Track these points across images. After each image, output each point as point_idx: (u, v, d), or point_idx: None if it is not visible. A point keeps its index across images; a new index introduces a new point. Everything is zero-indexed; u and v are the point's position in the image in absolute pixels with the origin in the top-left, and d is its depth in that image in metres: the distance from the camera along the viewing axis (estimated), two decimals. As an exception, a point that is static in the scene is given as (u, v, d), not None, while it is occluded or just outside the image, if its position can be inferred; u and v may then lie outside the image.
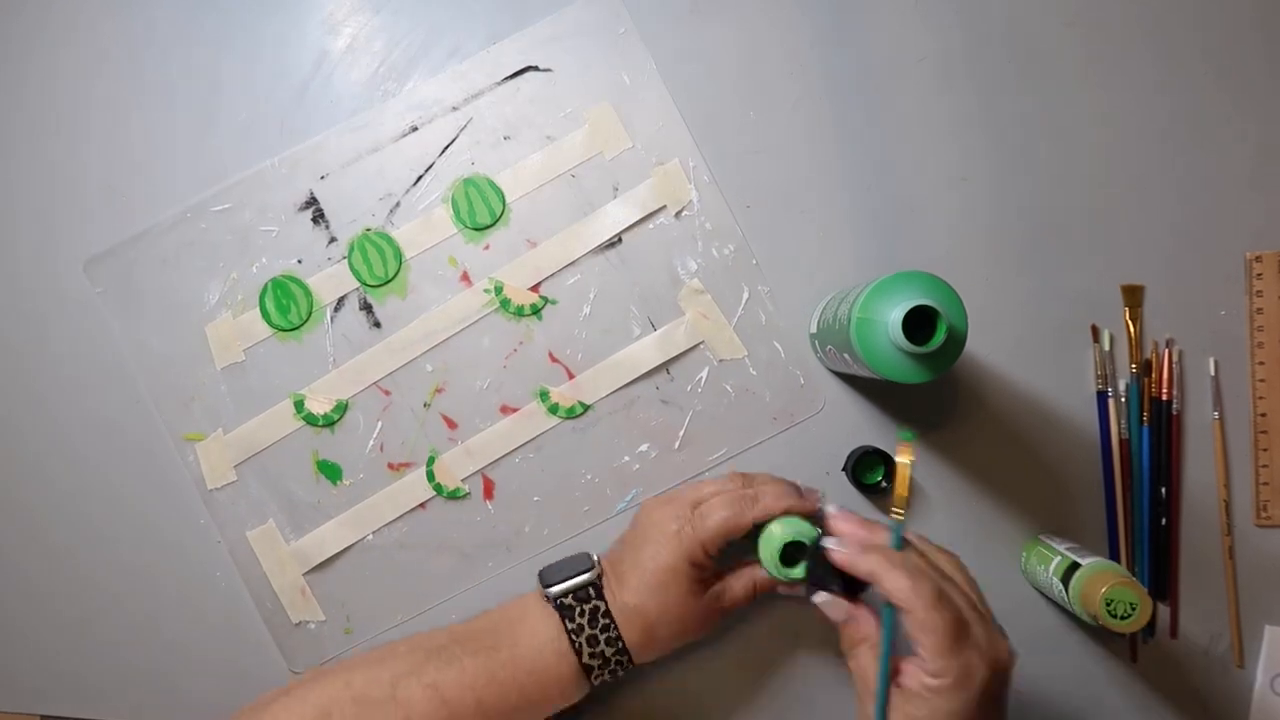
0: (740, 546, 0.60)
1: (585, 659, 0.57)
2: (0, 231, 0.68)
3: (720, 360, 0.67)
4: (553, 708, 0.58)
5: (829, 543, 0.53)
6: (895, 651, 0.50)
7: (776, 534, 0.57)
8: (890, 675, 0.50)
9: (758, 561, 0.60)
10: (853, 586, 0.53)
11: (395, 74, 0.68)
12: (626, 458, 0.67)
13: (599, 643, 0.57)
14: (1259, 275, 0.66)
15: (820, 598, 0.54)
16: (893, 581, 0.49)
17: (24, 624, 0.67)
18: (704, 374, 0.67)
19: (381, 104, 0.68)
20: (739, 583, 0.60)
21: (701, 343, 0.67)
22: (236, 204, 0.68)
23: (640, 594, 0.58)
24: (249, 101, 0.68)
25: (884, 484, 0.65)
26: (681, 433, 0.67)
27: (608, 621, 0.57)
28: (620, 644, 0.57)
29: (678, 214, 0.67)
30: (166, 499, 0.67)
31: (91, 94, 0.68)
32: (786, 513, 0.58)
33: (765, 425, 0.67)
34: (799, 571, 0.57)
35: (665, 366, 0.67)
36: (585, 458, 0.67)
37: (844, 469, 0.66)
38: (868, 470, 0.65)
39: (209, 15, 0.68)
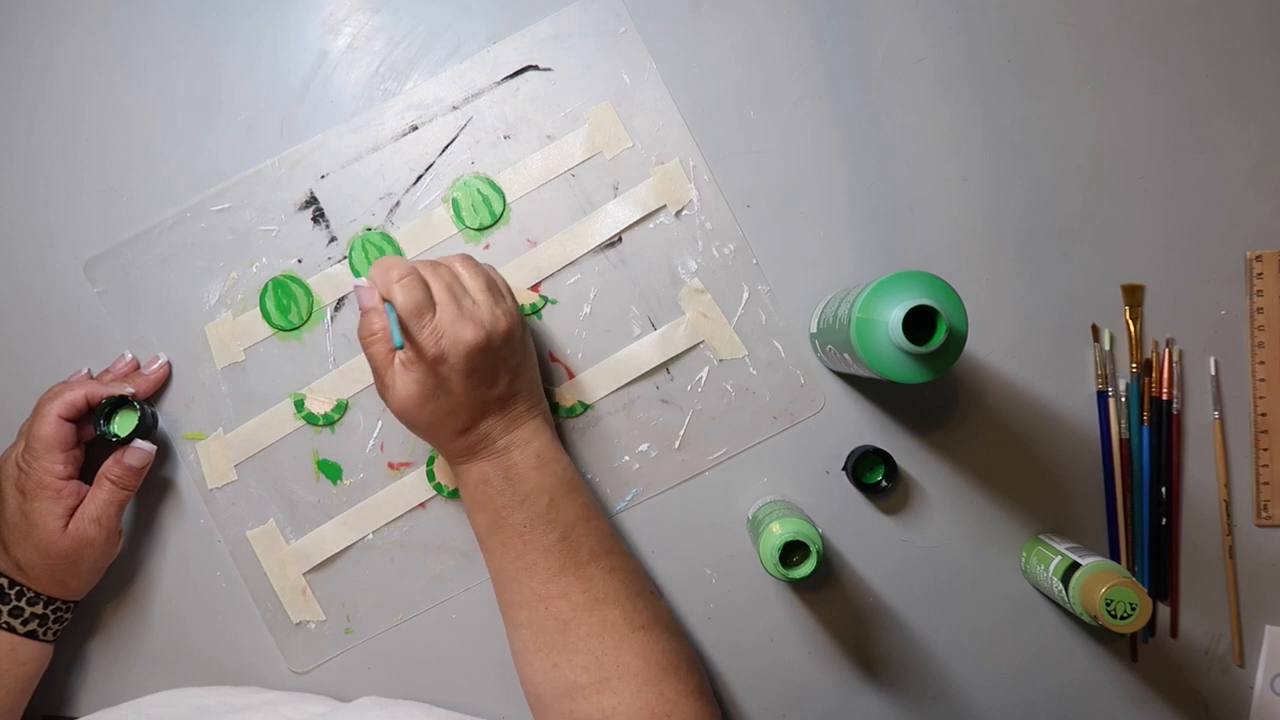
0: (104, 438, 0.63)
1: (22, 631, 0.61)
2: (1, 231, 0.68)
3: (720, 360, 0.67)
4: (27, 677, 0.63)
5: (357, 280, 0.60)
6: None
7: (776, 534, 0.57)
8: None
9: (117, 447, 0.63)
10: None
11: (395, 73, 0.68)
12: (626, 457, 0.67)
13: (22, 613, 0.61)
14: (1259, 275, 0.66)
15: (359, 281, 0.58)
16: (382, 280, 0.56)
17: (24, 624, 0.67)
18: (704, 374, 0.67)
19: (381, 103, 0.68)
20: (98, 490, 0.62)
21: (701, 342, 0.67)
22: (236, 204, 0.68)
23: (20, 547, 0.60)
24: (249, 101, 0.68)
25: (884, 484, 0.65)
26: (681, 432, 0.67)
27: (18, 589, 0.61)
28: (44, 597, 0.62)
29: (678, 214, 0.67)
30: (166, 499, 0.67)
31: (91, 94, 0.68)
32: (115, 399, 0.63)
33: (765, 425, 0.67)
34: (799, 571, 0.57)
35: (665, 366, 0.67)
36: (585, 457, 0.67)
37: (844, 469, 0.66)
38: (868, 470, 0.65)
39: (209, 15, 0.68)
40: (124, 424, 0.64)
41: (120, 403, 0.63)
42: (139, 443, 0.63)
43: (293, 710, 0.60)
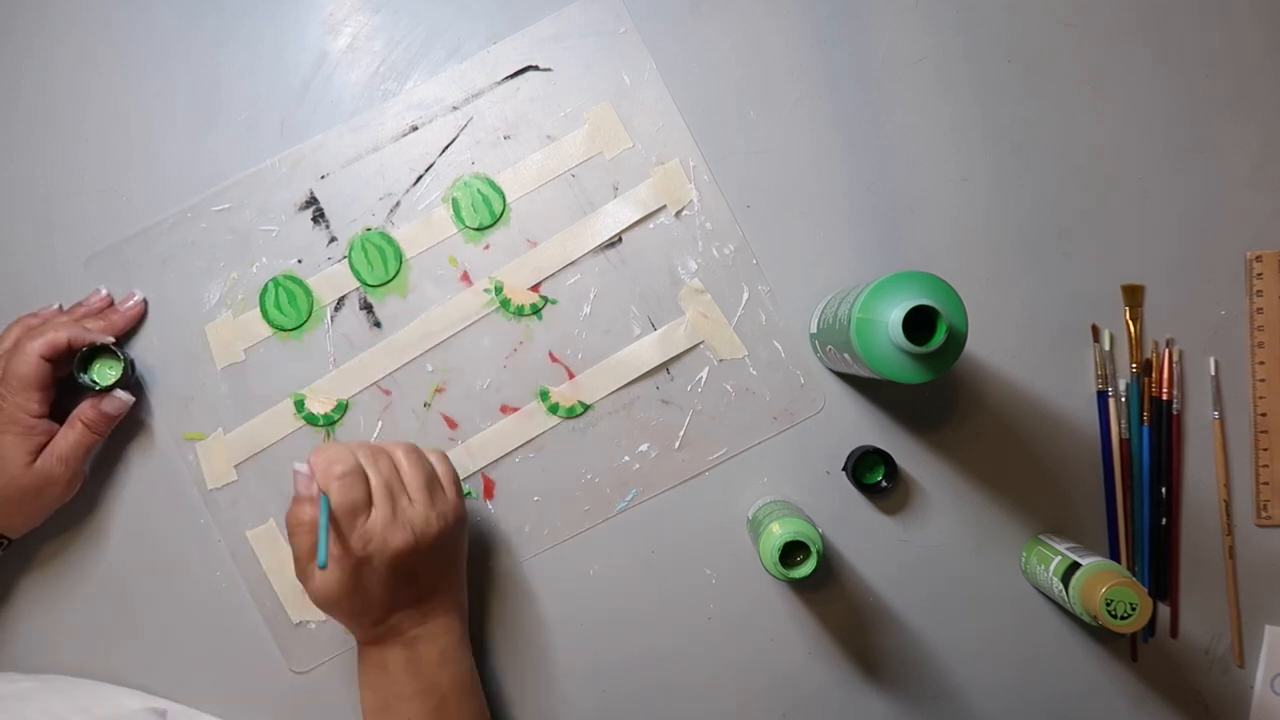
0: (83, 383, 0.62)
1: None
2: (1, 231, 0.68)
3: (720, 360, 0.67)
4: None
5: (297, 465, 0.58)
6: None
7: (776, 534, 0.57)
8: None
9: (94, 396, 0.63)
10: None
11: (395, 73, 0.68)
12: (627, 457, 0.67)
13: None
14: (1259, 275, 0.66)
15: (298, 466, 0.57)
16: (323, 473, 0.56)
17: (24, 624, 0.67)
18: (704, 374, 0.67)
19: (381, 104, 0.68)
20: (70, 430, 0.62)
21: (702, 342, 0.67)
22: (236, 204, 0.68)
23: None
24: (249, 101, 0.68)
25: (884, 484, 0.65)
26: (681, 432, 0.67)
27: None
28: None
29: (678, 214, 0.67)
30: (166, 499, 0.67)
31: (91, 93, 0.68)
32: (96, 346, 0.63)
33: (765, 425, 0.67)
34: (799, 571, 0.57)
35: (665, 366, 0.67)
36: (585, 457, 0.67)
37: (844, 469, 0.66)
38: (868, 470, 0.65)
39: (209, 15, 0.68)
40: (106, 373, 0.64)
41: (99, 349, 0.63)
42: (119, 393, 0.64)
43: None
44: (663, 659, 0.66)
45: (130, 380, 0.65)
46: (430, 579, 0.59)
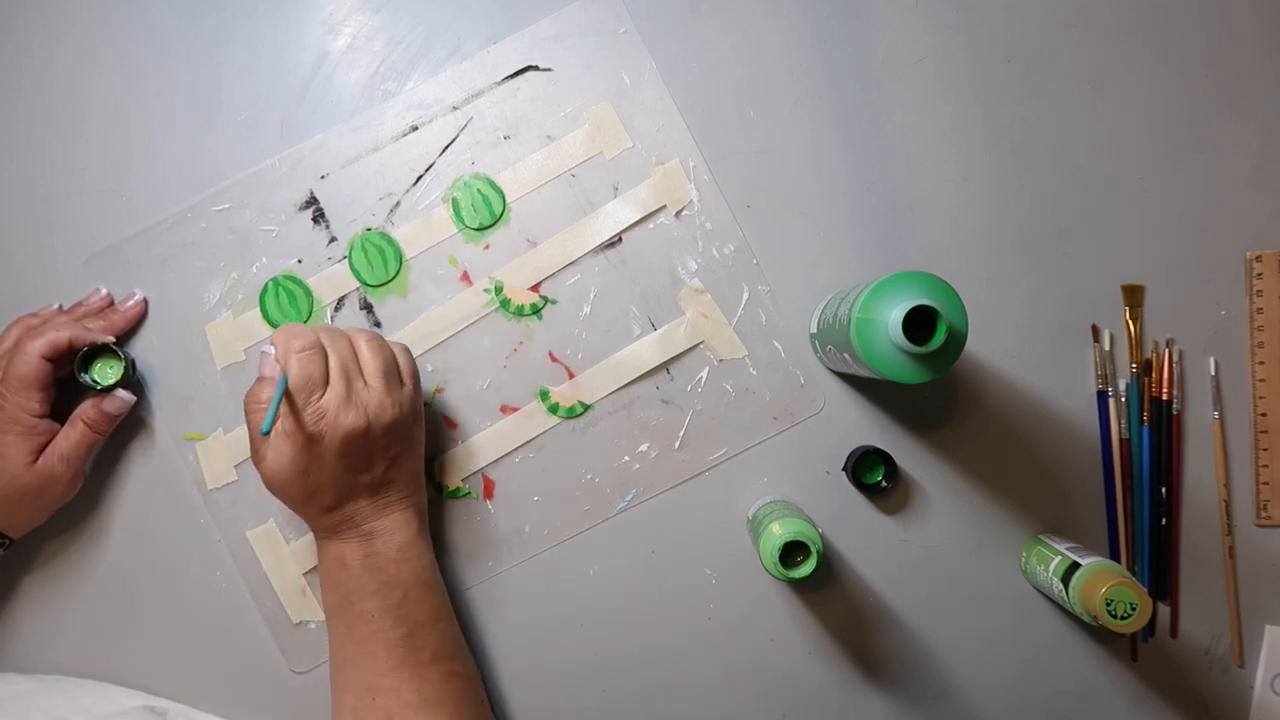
0: (84, 383, 0.63)
1: None
2: (1, 231, 0.68)
3: (720, 360, 0.67)
4: None
5: (265, 347, 0.60)
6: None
7: (776, 534, 0.57)
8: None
9: (97, 395, 0.63)
10: None
11: (395, 73, 0.68)
12: (627, 457, 0.67)
13: None
14: (1259, 275, 0.66)
15: (265, 348, 0.59)
16: (283, 348, 0.57)
17: (24, 623, 0.67)
18: (704, 374, 0.67)
19: (382, 104, 0.68)
20: (71, 430, 0.63)
21: (701, 342, 0.67)
22: (236, 204, 0.68)
23: None
24: (249, 101, 0.68)
25: (884, 484, 0.65)
26: (682, 432, 0.67)
27: None
28: None
29: (678, 214, 0.67)
30: (166, 499, 0.67)
31: (91, 94, 0.68)
32: (97, 345, 0.63)
33: (765, 425, 0.67)
34: (799, 571, 0.57)
35: (665, 366, 0.67)
36: (586, 457, 0.67)
37: (844, 469, 0.66)
38: (868, 470, 0.65)
39: (209, 15, 0.68)
40: (107, 373, 0.64)
41: (100, 348, 0.64)
42: (120, 392, 0.64)
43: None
44: (663, 659, 0.66)
45: (131, 380, 0.65)
46: (384, 469, 0.59)
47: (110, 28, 0.68)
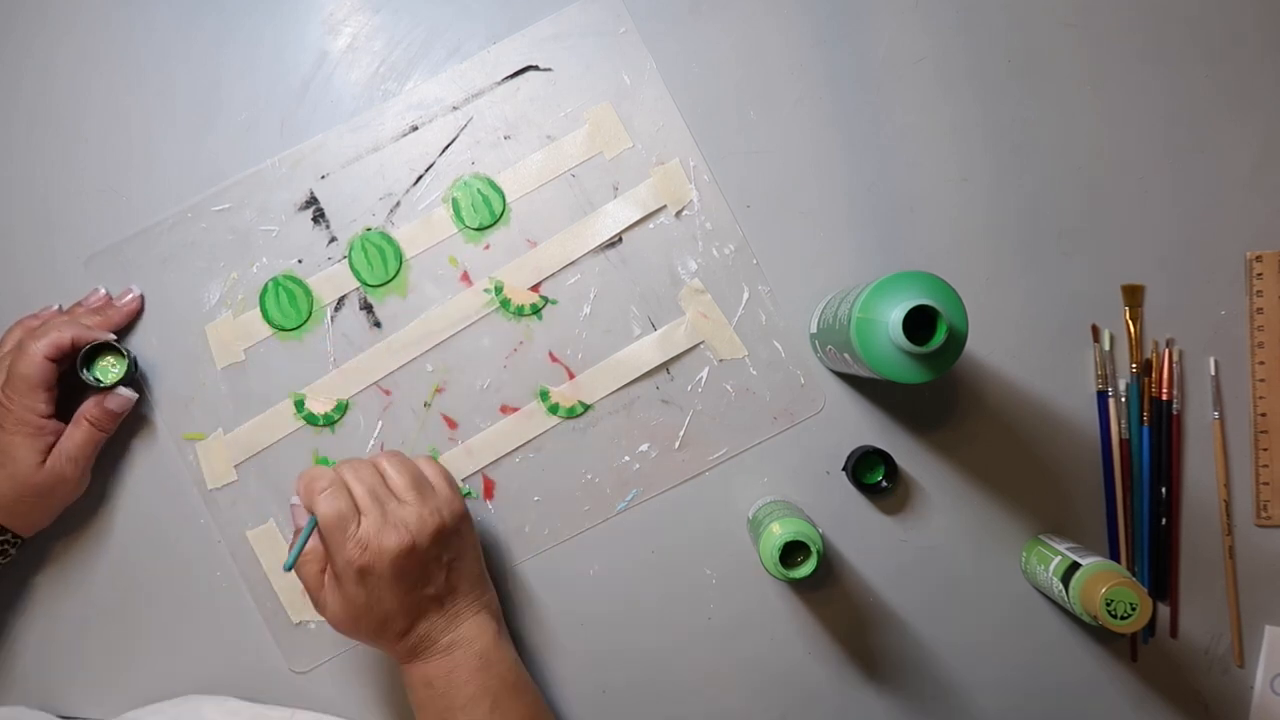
0: (86, 380, 0.63)
1: None
2: (1, 231, 0.68)
3: (720, 360, 0.67)
4: None
5: (293, 499, 0.61)
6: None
7: (776, 534, 0.57)
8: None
9: (99, 392, 0.63)
10: None
11: (395, 74, 0.68)
12: (627, 457, 0.67)
13: None
14: (1259, 275, 0.66)
15: (294, 499, 0.60)
16: (305, 493, 0.57)
17: (24, 624, 0.67)
18: (704, 374, 0.67)
19: (382, 104, 0.68)
20: (76, 429, 0.63)
21: (702, 343, 0.67)
22: (236, 204, 0.68)
23: None
24: (249, 101, 0.68)
25: (884, 484, 0.65)
26: (682, 432, 0.67)
27: None
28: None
29: (678, 214, 0.67)
30: (166, 499, 0.67)
31: (91, 94, 0.68)
32: (99, 343, 0.63)
33: (765, 425, 0.67)
34: (799, 571, 0.57)
35: (665, 366, 0.67)
36: (586, 457, 0.67)
37: (844, 469, 0.66)
38: (868, 470, 0.65)
39: (209, 15, 0.68)
40: (110, 371, 0.64)
41: (102, 346, 0.64)
42: (122, 390, 0.64)
43: None
44: (663, 659, 0.66)
45: (133, 377, 0.65)
46: (444, 578, 0.58)
47: (110, 28, 0.68)
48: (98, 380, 0.63)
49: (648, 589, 0.67)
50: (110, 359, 0.64)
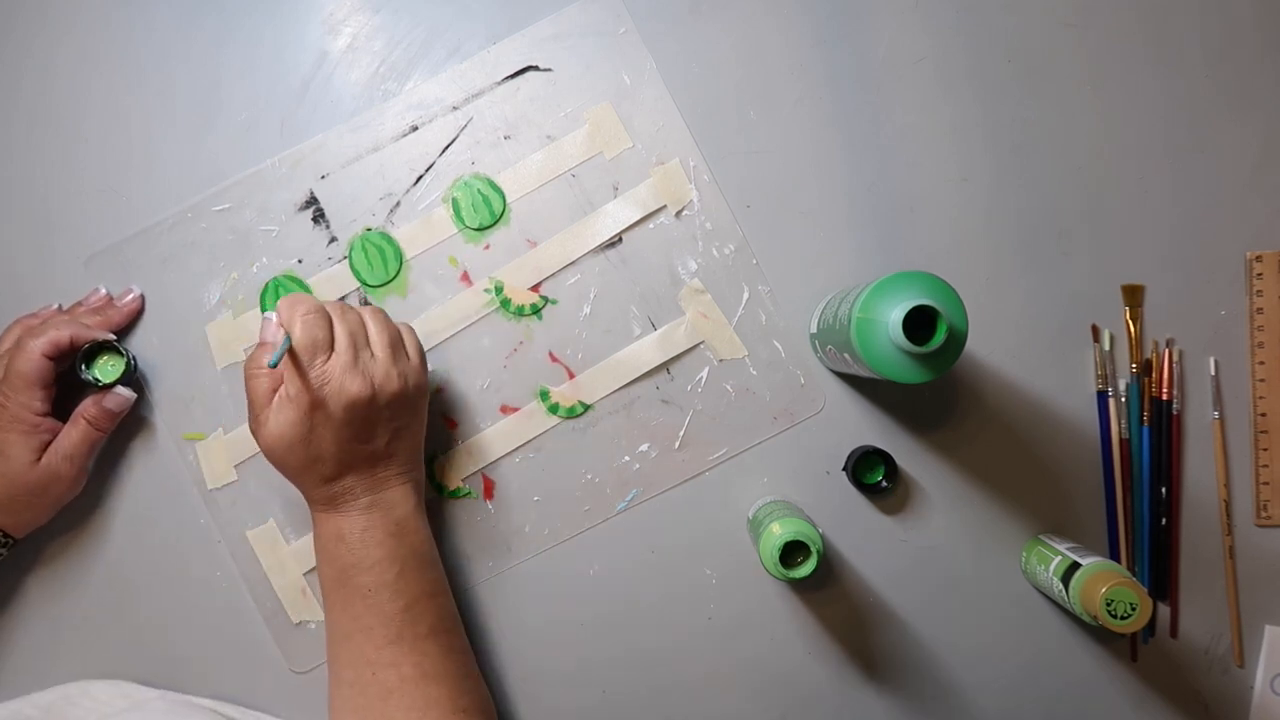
0: (85, 379, 0.63)
1: None
2: (1, 231, 0.68)
3: (720, 360, 0.67)
4: None
5: (267, 313, 0.60)
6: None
7: (776, 534, 0.57)
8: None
9: (98, 391, 0.63)
10: None
11: (395, 74, 0.68)
12: (627, 457, 0.67)
13: None
14: (1259, 275, 0.66)
15: (267, 314, 0.59)
16: (288, 313, 0.57)
17: (24, 624, 0.67)
18: (704, 374, 0.67)
19: (382, 104, 0.68)
20: (73, 428, 0.63)
21: (702, 342, 0.67)
22: (236, 204, 0.68)
23: None
24: (249, 101, 0.68)
25: (884, 484, 0.65)
26: (682, 432, 0.67)
27: None
28: None
29: (678, 214, 0.67)
30: (166, 499, 0.67)
31: (91, 94, 0.68)
32: (98, 342, 0.63)
33: (765, 425, 0.67)
34: (799, 571, 0.57)
35: (665, 366, 0.67)
36: (586, 457, 0.67)
37: (844, 469, 0.66)
38: (868, 470, 0.65)
39: (209, 15, 0.68)
40: (109, 370, 0.64)
41: (101, 345, 0.64)
42: (120, 389, 0.64)
43: None
44: (663, 659, 0.66)
45: (132, 377, 0.65)
46: (386, 441, 0.58)
47: (110, 28, 0.68)
48: (96, 379, 0.63)
49: (648, 589, 0.67)
50: (109, 358, 0.64)
